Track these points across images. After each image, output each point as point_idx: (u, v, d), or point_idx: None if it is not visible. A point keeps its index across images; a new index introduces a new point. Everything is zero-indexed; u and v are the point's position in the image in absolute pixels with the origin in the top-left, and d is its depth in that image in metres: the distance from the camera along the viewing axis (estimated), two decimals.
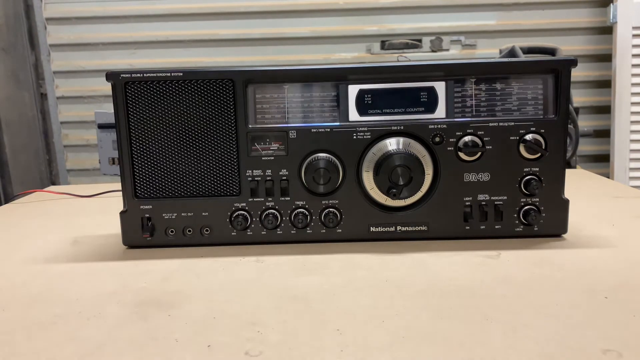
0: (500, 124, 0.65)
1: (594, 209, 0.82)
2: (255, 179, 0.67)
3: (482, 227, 0.67)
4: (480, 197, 0.67)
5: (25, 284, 0.58)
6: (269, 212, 0.67)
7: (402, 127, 0.65)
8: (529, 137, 0.65)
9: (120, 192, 0.67)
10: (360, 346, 0.42)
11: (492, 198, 0.67)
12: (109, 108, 0.71)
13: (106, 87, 0.68)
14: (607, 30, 2.24)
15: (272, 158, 0.66)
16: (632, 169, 2.23)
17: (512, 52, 1.45)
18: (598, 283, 0.53)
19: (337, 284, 0.55)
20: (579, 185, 1.05)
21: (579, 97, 2.26)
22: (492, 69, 0.65)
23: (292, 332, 0.44)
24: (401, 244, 0.67)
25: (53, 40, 2.31)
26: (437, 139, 0.65)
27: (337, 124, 0.66)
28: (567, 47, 2.16)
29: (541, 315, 0.46)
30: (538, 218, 0.66)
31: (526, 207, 0.66)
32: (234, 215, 0.67)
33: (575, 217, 0.69)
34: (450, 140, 0.65)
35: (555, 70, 0.65)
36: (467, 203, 0.67)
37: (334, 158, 0.65)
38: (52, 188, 1.23)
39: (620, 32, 2.15)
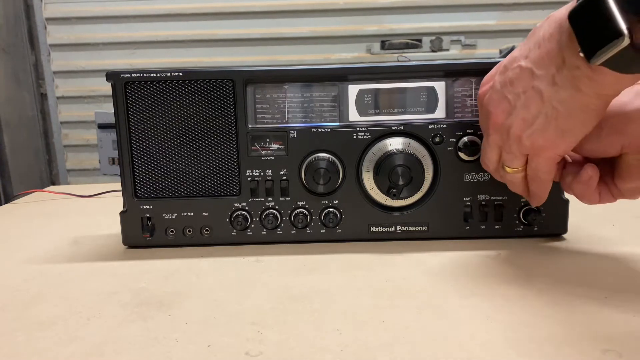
0: None
1: (594, 209, 0.82)
2: (255, 179, 0.67)
3: (482, 227, 0.67)
4: (480, 197, 0.67)
5: (25, 284, 0.58)
6: (269, 212, 0.67)
7: (402, 127, 0.65)
8: None
9: (120, 192, 0.67)
10: (360, 346, 0.42)
11: (492, 198, 0.67)
12: (109, 108, 0.71)
13: (106, 87, 0.68)
14: None
15: (272, 158, 0.66)
16: None
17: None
18: (598, 283, 0.53)
19: (337, 284, 0.55)
20: None
21: None
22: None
23: (292, 332, 0.44)
24: (401, 244, 0.67)
25: (53, 40, 2.31)
26: (437, 139, 0.65)
27: (337, 124, 0.66)
28: None
29: (541, 315, 0.46)
30: (538, 218, 0.66)
31: (526, 207, 0.66)
32: (234, 215, 0.67)
33: (575, 217, 0.69)
34: (450, 140, 0.65)
35: None
36: (467, 203, 0.67)
37: (334, 158, 0.65)
38: (52, 188, 1.23)
39: None
